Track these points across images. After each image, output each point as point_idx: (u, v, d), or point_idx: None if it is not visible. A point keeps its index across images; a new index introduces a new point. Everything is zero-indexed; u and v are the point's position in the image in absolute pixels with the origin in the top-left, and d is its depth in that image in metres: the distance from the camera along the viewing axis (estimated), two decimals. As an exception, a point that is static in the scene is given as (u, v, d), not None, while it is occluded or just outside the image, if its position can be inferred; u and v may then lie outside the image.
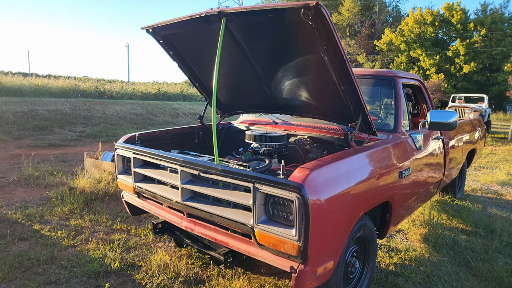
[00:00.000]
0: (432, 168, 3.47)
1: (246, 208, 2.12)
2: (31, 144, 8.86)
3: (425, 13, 30.24)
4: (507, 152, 9.94)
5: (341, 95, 2.52)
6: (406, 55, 31.40)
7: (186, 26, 2.70)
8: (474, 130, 5.08)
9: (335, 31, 2.09)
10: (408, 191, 2.93)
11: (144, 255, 3.25)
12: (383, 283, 2.91)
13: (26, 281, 2.78)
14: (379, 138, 2.82)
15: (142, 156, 2.77)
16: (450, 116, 3.06)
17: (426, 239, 3.78)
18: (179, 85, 30.13)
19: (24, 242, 3.44)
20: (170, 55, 3.18)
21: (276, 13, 2.18)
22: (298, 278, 1.88)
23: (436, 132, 3.66)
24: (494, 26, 28.39)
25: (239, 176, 2.09)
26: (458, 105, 13.93)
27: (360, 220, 2.35)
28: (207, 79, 3.35)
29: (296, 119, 3.48)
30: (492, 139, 12.93)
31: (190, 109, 17.42)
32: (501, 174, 6.99)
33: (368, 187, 2.34)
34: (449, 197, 4.97)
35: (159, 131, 3.49)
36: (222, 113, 3.75)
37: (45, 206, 4.37)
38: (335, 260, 2.09)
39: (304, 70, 2.74)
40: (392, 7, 39.68)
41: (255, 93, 3.26)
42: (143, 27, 2.97)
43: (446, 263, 3.30)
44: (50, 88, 16.96)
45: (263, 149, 2.93)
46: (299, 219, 1.83)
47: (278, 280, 2.85)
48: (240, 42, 2.70)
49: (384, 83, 3.34)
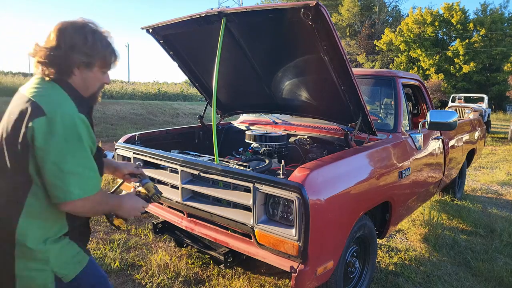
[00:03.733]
0: (432, 168, 3.47)
1: (246, 208, 2.12)
2: (31, 144, 8.85)
3: (425, 13, 30.23)
4: (507, 152, 9.94)
5: (341, 95, 2.53)
6: (406, 55, 31.39)
7: (186, 26, 2.70)
8: (474, 130, 5.08)
9: (335, 31, 2.09)
10: (408, 191, 2.93)
11: (144, 255, 3.25)
12: (383, 283, 2.92)
13: (26, 281, 2.78)
14: (379, 138, 2.82)
15: (142, 156, 2.77)
16: (450, 116, 3.06)
17: (426, 239, 3.78)
18: (179, 85, 30.14)
19: (24, 242, 3.43)
20: (170, 55, 3.18)
21: (276, 13, 2.18)
22: (298, 278, 1.88)
23: (436, 132, 3.66)
24: (494, 26, 28.38)
25: (239, 176, 2.10)
26: (458, 105, 13.92)
27: (360, 220, 2.35)
28: (207, 79, 3.35)
29: (296, 119, 3.48)
30: (492, 139, 12.93)
31: (190, 109, 17.41)
32: (501, 174, 6.99)
33: (368, 187, 2.34)
34: (449, 197, 4.97)
35: (159, 131, 3.50)
36: (222, 113, 3.75)
37: (45, 206, 4.37)
38: (335, 260, 2.10)
39: (304, 70, 2.74)
40: (392, 7, 39.72)
41: (255, 93, 3.26)
42: (143, 27, 2.98)
43: (446, 263, 3.30)
44: (50, 88, 16.94)
45: (263, 149, 2.93)
46: (299, 219, 1.84)
47: (278, 280, 2.86)
48: (240, 42, 2.70)
49: (384, 83, 3.34)
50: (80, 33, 1.37)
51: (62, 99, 1.32)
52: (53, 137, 1.23)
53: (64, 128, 1.25)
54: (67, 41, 1.34)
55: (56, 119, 1.24)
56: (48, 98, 1.31)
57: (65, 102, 1.31)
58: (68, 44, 1.34)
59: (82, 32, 1.37)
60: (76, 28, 1.37)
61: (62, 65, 1.35)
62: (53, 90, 1.34)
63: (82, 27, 1.38)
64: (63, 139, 1.24)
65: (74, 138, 1.27)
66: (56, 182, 1.25)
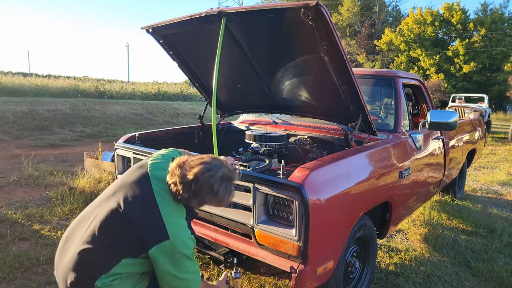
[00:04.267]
0: (432, 168, 3.47)
1: (246, 208, 2.12)
2: (31, 144, 8.85)
3: (425, 13, 30.22)
4: (507, 152, 9.94)
5: (341, 95, 2.52)
6: (406, 55, 31.38)
7: (186, 26, 2.70)
8: (474, 130, 5.07)
9: (335, 31, 2.09)
10: (408, 191, 2.93)
11: (144, 255, 3.25)
12: (383, 283, 2.91)
13: (26, 281, 2.78)
14: (379, 138, 2.82)
15: (142, 156, 2.76)
16: (450, 116, 3.06)
17: (426, 239, 3.77)
18: (179, 85, 30.09)
19: (24, 242, 3.43)
20: (170, 55, 3.18)
21: (276, 13, 2.18)
22: (298, 278, 1.88)
23: (436, 132, 3.65)
24: (494, 26, 28.36)
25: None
26: (458, 105, 13.93)
27: (360, 220, 2.35)
28: (207, 79, 3.34)
29: (296, 119, 3.48)
30: (492, 139, 12.93)
31: (190, 109, 17.40)
32: (501, 174, 6.98)
33: (368, 187, 2.33)
34: (449, 197, 4.97)
35: (159, 131, 3.49)
36: (222, 113, 3.75)
37: (45, 206, 4.37)
38: (335, 260, 2.09)
39: (304, 70, 2.74)
40: (392, 7, 39.70)
41: (255, 93, 3.26)
42: (143, 27, 2.97)
43: (446, 263, 3.30)
44: (50, 88, 16.94)
45: (263, 149, 2.93)
46: (299, 219, 1.83)
47: (278, 280, 2.85)
48: (240, 42, 2.70)
49: (384, 83, 3.33)
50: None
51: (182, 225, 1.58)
52: (173, 256, 1.52)
53: (182, 251, 1.53)
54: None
55: (177, 244, 1.51)
56: (172, 219, 1.55)
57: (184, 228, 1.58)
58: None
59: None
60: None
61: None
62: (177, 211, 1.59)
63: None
64: (180, 256, 1.53)
65: (186, 254, 1.55)
66: (171, 285, 1.57)
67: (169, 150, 1.88)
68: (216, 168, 1.58)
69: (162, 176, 1.62)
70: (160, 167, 1.68)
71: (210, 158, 1.63)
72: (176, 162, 1.61)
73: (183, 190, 1.54)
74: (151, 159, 1.74)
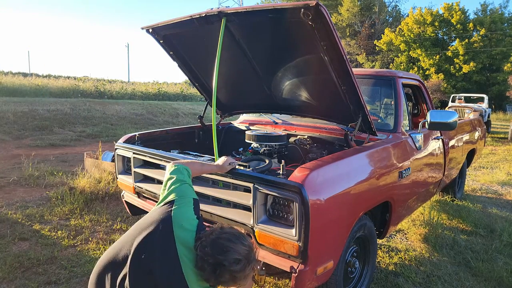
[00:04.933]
0: (432, 168, 3.47)
1: (246, 208, 2.12)
2: (31, 144, 8.85)
3: (425, 13, 30.23)
4: (507, 152, 9.94)
5: (341, 95, 2.53)
6: (406, 55, 31.39)
7: (186, 26, 2.70)
8: (474, 130, 5.08)
9: (335, 31, 2.09)
10: (408, 191, 2.93)
11: (144, 255, 3.25)
12: (383, 283, 2.91)
13: (26, 281, 2.78)
14: (379, 138, 2.82)
15: (142, 156, 2.77)
16: (450, 116, 3.06)
17: (426, 239, 3.78)
18: (179, 85, 30.09)
19: (24, 242, 3.44)
20: (170, 55, 3.18)
21: (276, 13, 2.18)
22: (298, 278, 1.88)
23: (436, 132, 3.66)
24: (494, 26, 28.37)
25: (239, 176, 2.10)
26: (458, 105, 13.92)
27: (360, 220, 2.35)
28: (207, 79, 3.35)
29: (296, 119, 3.48)
30: (492, 139, 12.93)
31: (190, 109, 17.41)
32: (501, 174, 6.99)
33: (368, 187, 2.34)
34: (449, 197, 4.97)
35: (159, 131, 3.50)
36: (222, 113, 3.75)
37: (45, 206, 4.37)
38: (335, 260, 2.10)
39: (304, 70, 2.74)
40: (392, 7, 39.70)
41: (255, 93, 3.26)
42: (143, 27, 2.98)
43: (446, 263, 3.30)
44: (50, 88, 16.94)
45: (263, 149, 2.93)
46: (299, 219, 1.84)
47: (278, 280, 2.85)
48: (240, 42, 2.70)
49: (384, 83, 3.34)
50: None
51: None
52: None
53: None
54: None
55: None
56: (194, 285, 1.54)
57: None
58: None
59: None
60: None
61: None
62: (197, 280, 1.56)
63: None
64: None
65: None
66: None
67: (176, 176, 1.79)
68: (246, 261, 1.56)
69: (187, 242, 1.56)
70: (182, 216, 1.62)
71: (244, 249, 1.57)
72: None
73: (207, 272, 1.51)
74: (173, 206, 1.65)
